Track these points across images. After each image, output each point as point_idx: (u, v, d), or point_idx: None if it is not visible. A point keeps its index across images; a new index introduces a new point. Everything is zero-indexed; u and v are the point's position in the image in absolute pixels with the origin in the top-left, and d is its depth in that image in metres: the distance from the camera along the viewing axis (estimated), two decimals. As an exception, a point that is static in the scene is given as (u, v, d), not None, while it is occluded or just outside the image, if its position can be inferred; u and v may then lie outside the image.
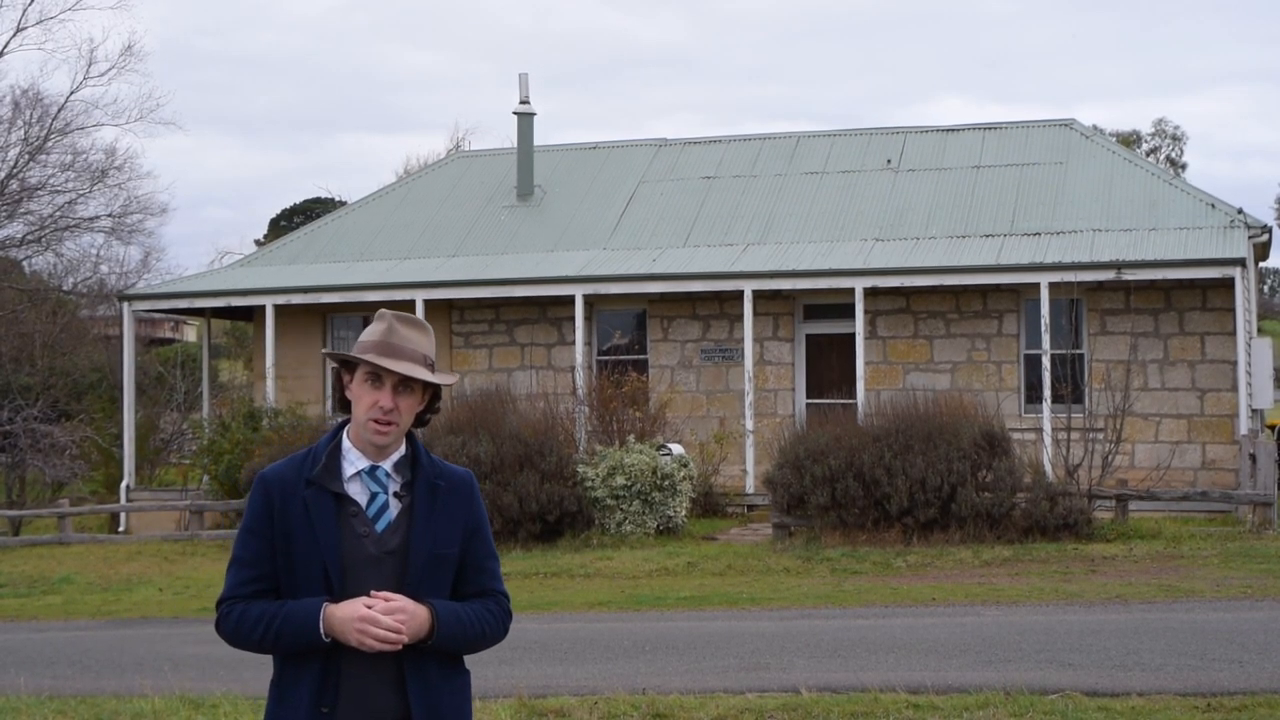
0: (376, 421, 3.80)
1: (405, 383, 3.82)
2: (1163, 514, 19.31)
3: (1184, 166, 65.47)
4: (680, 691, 9.37)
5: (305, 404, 24.45)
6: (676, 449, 20.50)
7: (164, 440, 31.43)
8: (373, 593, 3.71)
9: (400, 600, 3.71)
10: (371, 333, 3.85)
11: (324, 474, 3.81)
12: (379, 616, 3.67)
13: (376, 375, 3.81)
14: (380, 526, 3.81)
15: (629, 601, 14.73)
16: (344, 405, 3.90)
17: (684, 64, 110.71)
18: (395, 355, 3.80)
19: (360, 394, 3.82)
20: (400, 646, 3.70)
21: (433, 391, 3.92)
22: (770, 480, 18.77)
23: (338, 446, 3.86)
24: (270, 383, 24.53)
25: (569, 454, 19.91)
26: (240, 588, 3.81)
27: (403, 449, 3.89)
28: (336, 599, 3.72)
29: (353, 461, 3.84)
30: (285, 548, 3.78)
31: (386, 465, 3.85)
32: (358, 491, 3.82)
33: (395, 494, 3.85)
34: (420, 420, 3.94)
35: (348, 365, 3.88)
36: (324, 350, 4.06)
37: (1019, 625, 12.05)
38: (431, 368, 3.88)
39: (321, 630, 3.69)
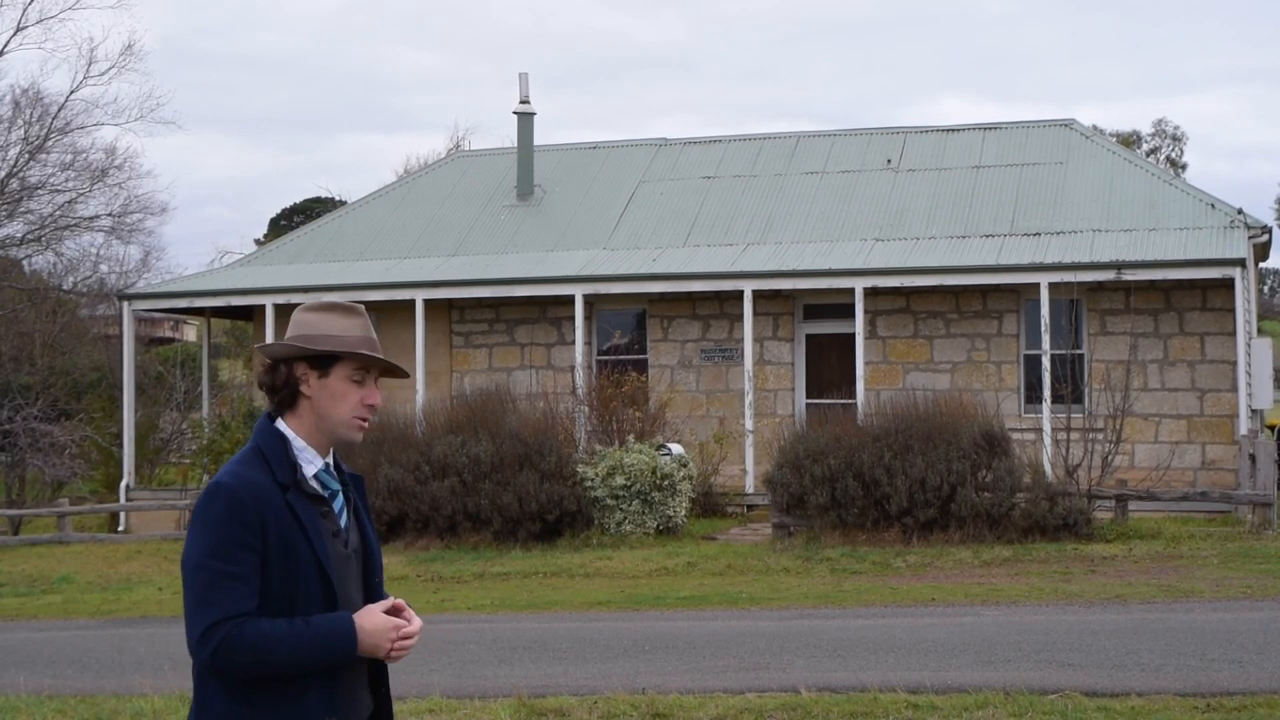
0: (362, 419, 3.62)
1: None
2: (1162, 514, 19.29)
3: (1184, 167, 65.47)
4: (680, 691, 9.37)
5: (305, 403, 24.42)
6: (676, 449, 20.48)
7: (164, 440, 31.38)
8: (389, 603, 3.61)
9: (403, 603, 3.61)
10: (350, 327, 3.61)
11: (300, 475, 3.54)
12: (408, 626, 3.56)
13: (366, 370, 3.62)
14: (343, 524, 3.62)
15: (629, 601, 14.74)
16: (287, 401, 3.60)
17: (684, 64, 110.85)
18: (376, 348, 3.65)
19: (343, 390, 3.58)
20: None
21: None
22: (770, 480, 18.77)
23: (287, 445, 3.57)
24: (270, 382, 24.47)
25: (569, 454, 19.90)
26: (245, 602, 3.37)
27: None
28: (331, 608, 3.50)
29: (309, 460, 3.58)
30: (283, 560, 3.44)
31: (330, 461, 3.66)
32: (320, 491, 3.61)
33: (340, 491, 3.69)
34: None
35: (314, 360, 3.58)
36: (297, 343, 3.14)
37: (1019, 625, 12.05)
38: None
39: (357, 644, 3.47)
